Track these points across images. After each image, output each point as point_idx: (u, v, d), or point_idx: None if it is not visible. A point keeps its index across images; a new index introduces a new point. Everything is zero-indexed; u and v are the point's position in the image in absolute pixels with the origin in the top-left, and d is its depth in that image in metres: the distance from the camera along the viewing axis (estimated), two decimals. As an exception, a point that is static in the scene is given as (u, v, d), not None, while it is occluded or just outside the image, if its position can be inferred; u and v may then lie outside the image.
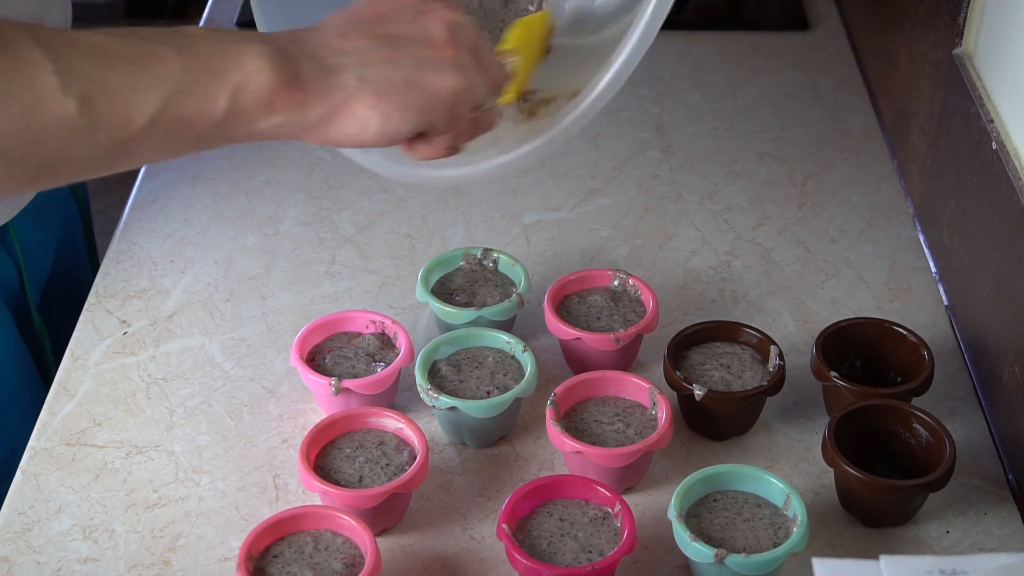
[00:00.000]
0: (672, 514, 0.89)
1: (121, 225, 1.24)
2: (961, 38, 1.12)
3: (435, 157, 0.85)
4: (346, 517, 0.89)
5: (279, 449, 1.01)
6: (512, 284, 1.10)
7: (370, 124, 0.79)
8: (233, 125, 0.76)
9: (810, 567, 0.79)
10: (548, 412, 0.97)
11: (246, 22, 1.55)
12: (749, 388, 0.99)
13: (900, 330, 1.03)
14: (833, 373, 0.99)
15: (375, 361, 1.02)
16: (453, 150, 0.85)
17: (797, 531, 0.87)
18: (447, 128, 0.83)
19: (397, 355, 1.02)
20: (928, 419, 0.95)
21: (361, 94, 0.78)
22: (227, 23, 1.56)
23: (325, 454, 0.95)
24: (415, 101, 0.79)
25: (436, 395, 0.98)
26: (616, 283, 1.09)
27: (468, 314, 1.05)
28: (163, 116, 0.74)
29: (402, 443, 0.95)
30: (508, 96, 0.92)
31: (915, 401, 1.00)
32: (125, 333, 1.12)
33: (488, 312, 1.06)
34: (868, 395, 0.98)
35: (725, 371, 1.01)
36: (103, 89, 0.72)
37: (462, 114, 0.83)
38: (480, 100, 0.84)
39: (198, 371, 1.08)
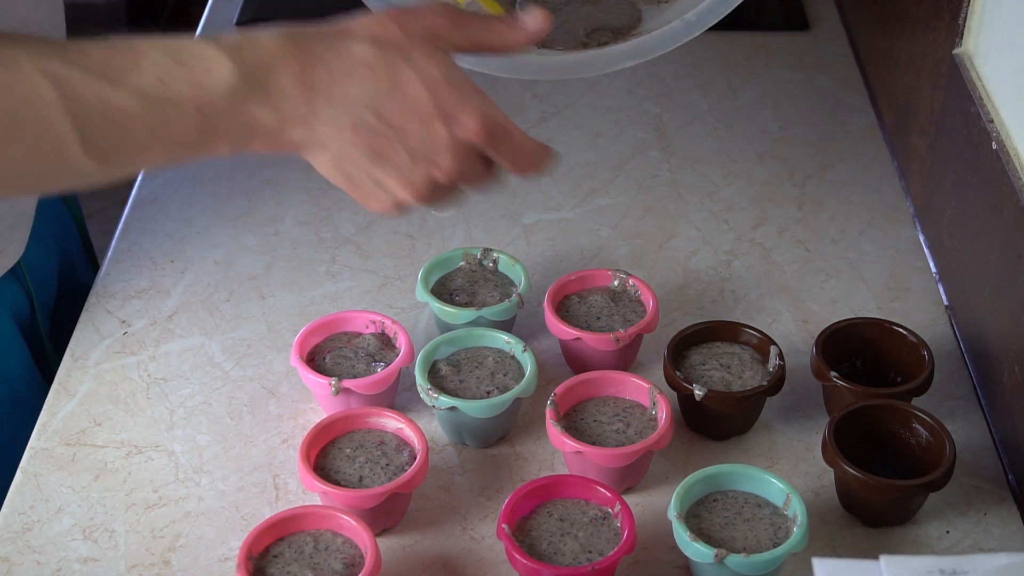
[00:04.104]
0: (672, 514, 0.89)
1: (121, 225, 1.24)
2: (961, 38, 1.12)
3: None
4: (346, 517, 0.88)
5: (279, 449, 1.01)
6: (512, 284, 1.10)
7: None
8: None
9: (810, 567, 0.79)
10: (548, 412, 0.97)
11: (246, 22, 1.55)
12: (749, 388, 0.99)
13: (900, 330, 1.03)
14: (833, 373, 0.99)
15: (375, 361, 1.02)
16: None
17: (797, 531, 0.87)
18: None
19: (397, 355, 1.02)
20: (928, 419, 0.95)
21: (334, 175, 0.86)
22: (227, 23, 1.55)
23: (325, 454, 0.95)
24: (374, 199, 0.86)
25: (436, 395, 0.98)
26: (616, 283, 1.09)
27: (468, 314, 1.05)
28: (167, 162, 0.80)
29: (402, 443, 0.95)
30: None
31: (915, 401, 1.00)
32: (125, 333, 1.12)
33: (488, 312, 1.06)
34: (868, 395, 0.98)
35: (725, 371, 1.01)
36: (120, 149, 0.77)
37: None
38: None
39: (198, 371, 1.08)
